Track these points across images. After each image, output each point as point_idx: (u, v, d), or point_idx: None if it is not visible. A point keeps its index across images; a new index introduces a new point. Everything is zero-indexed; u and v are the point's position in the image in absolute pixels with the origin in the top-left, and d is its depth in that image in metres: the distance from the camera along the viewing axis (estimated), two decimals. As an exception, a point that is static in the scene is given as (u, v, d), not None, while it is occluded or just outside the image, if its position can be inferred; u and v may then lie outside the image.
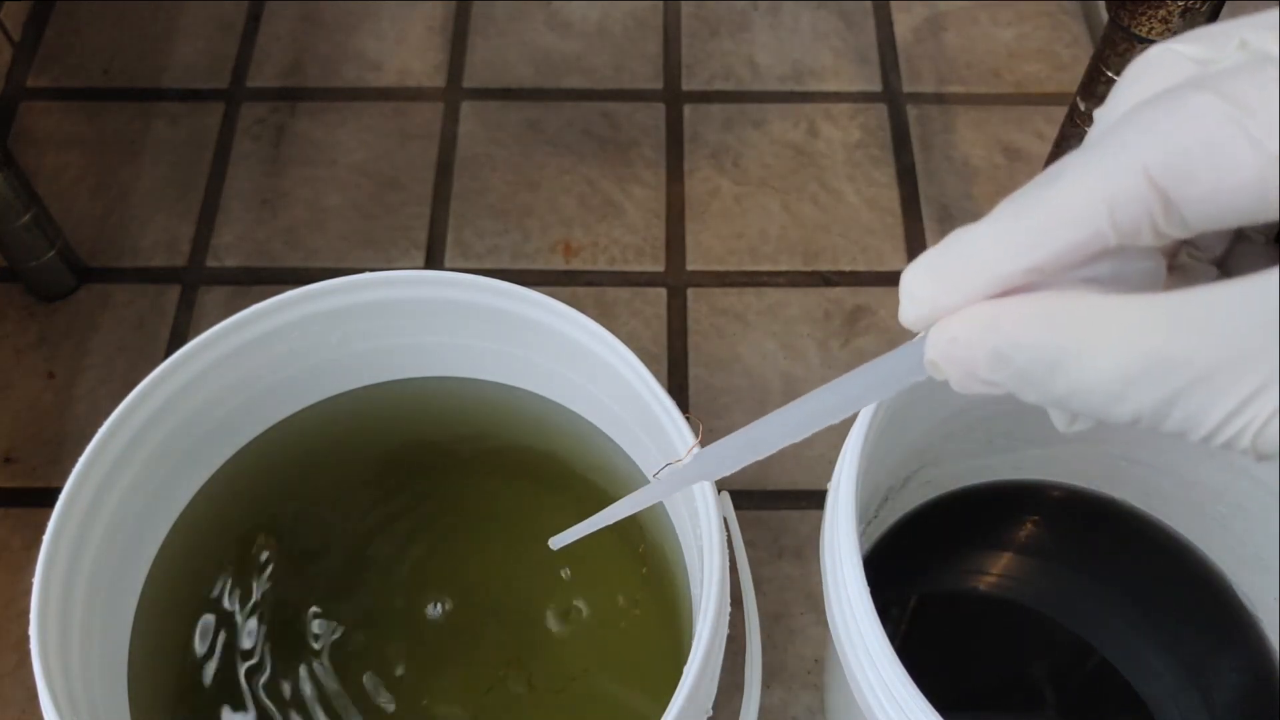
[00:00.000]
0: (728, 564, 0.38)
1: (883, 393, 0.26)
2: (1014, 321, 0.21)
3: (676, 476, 0.33)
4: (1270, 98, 0.18)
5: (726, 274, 0.69)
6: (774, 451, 0.29)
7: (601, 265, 0.69)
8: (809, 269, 0.69)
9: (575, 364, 0.45)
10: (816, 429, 0.28)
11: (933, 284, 0.22)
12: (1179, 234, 0.20)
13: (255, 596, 0.46)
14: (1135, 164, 0.19)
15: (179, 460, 0.45)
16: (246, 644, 0.45)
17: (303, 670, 0.45)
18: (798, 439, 0.28)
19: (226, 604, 0.46)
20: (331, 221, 0.71)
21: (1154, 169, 0.19)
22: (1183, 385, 0.20)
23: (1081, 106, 0.53)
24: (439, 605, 0.47)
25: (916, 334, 0.24)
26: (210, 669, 0.45)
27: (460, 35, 0.79)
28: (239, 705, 0.44)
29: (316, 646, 0.46)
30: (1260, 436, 0.19)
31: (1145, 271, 0.21)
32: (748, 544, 0.48)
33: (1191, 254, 0.24)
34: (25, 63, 0.78)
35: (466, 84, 0.77)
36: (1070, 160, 0.21)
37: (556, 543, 0.38)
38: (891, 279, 0.68)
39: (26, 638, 0.37)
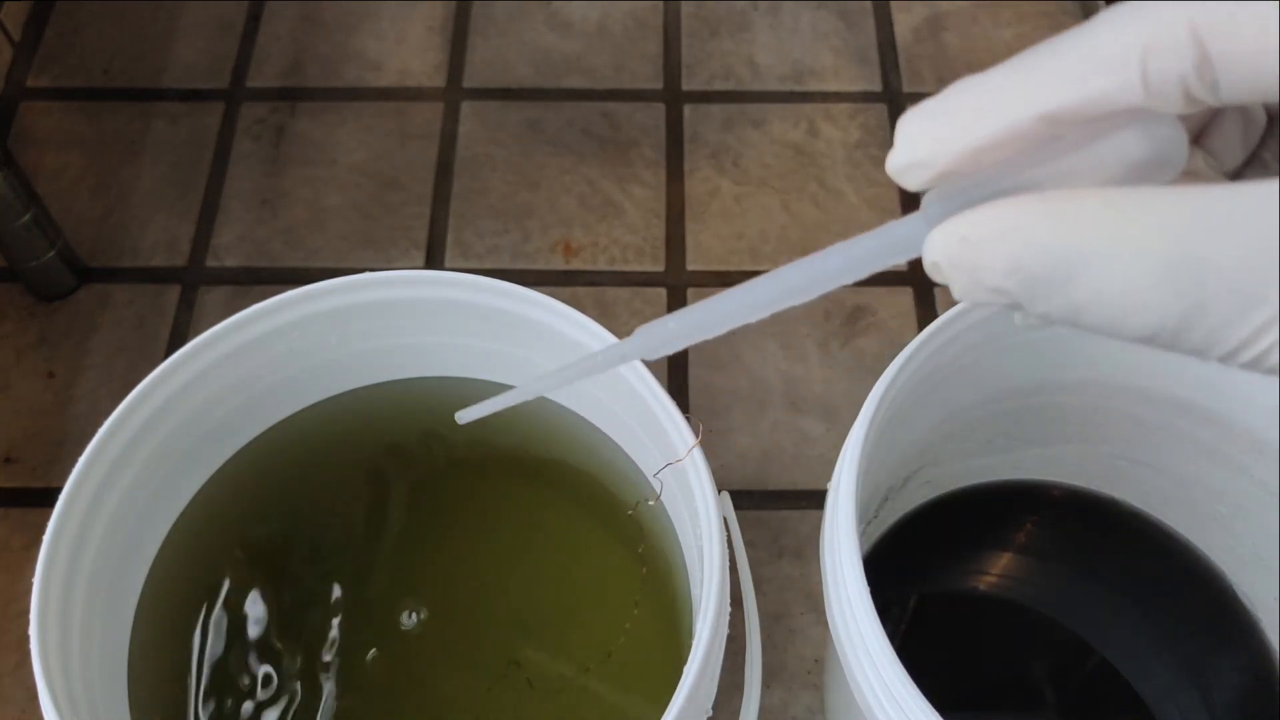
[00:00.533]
0: (728, 564, 0.38)
1: (860, 272, 0.24)
2: (1032, 220, 0.19)
3: (616, 349, 0.30)
4: None
5: (726, 274, 0.69)
6: (735, 327, 0.27)
7: (601, 265, 0.69)
8: (809, 269, 0.69)
9: (575, 364, 0.45)
10: (788, 305, 0.26)
11: (934, 125, 0.21)
12: (1208, 99, 0.19)
13: (255, 596, 0.46)
14: (1179, 12, 0.18)
15: (179, 460, 0.45)
16: (247, 644, 0.45)
17: (303, 669, 0.45)
18: (764, 315, 0.26)
19: (226, 604, 0.46)
20: (331, 221, 0.71)
21: (1199, 18, 0.18)
22: (1213, 292, 0.18)
23: (1081, 106, 0.53)
24: (439, 604, 0.47)
25: (905, 186, 0.22)
26: (211, 669, 0.45)
27: (460, 35, 0.79)
28: (239, 705, 0.44)
29: (317, 645, 0.46)
30: None
31: (1169, 141, 0.20)
32: (748, 544, 0.48)
33: (1208, 161, 0.22)
34: (25, 63, 0.78)
35: (466, 84, 0.77)
36: (1104, 11, 0.20)
37: (463, 417, 0.36)
38: (891, 279, 0.68)
39: (26, 638, 0.37)
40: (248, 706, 0.44)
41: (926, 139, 0.21)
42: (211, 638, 0.45)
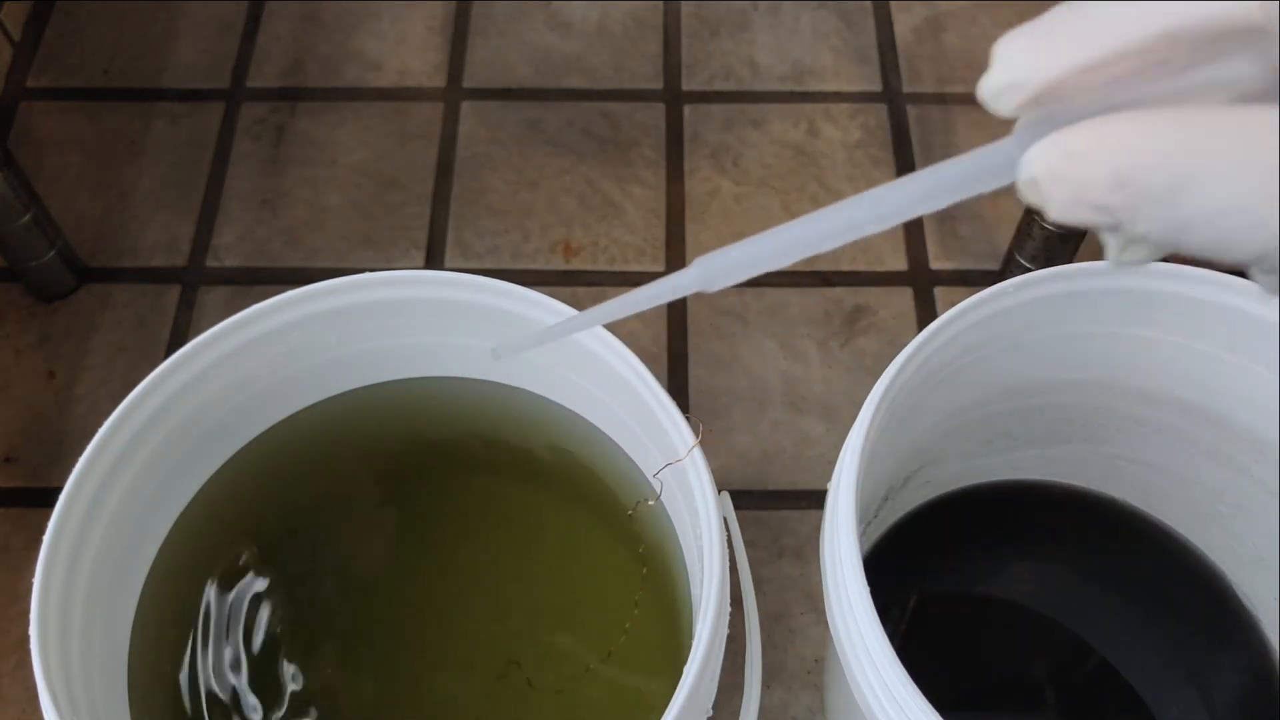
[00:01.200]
0: (728, 564, 0.38)
1: (940, 201, 0.23)
2: (1145, 130, 0.18)
3: (671, 280, 0.27)
4: None
5: (726, 274, 0.69)
6: (801, 258, 0.25)
7: (601, 265, 0.69)
8: (809, 269, 0.69)
9: (575, 364, 0.45)
10: (857, 236, 0.24)
11: (1036, 43, 0.19)
12: None
13: (255, 596, 0.46)
14: None
15: (179, 460, 0.45)
16: (246, 643, 0.45)
17: (303, 669, 0.45)
18: (834, 245, 0.24)
19: (226, 604, 0.46)
20: (331, 221, 0.71)
21: None
22: None
23: (1081, 106, 0.53)
24: (439, 605, 0.47)
25: (996, 111, 0.21)
26: (210, 669, 0.45)
27: (460, 35, 0.79)
28: (239, 705, 0.44)
29: (317, 645, 0.46)
30: None
31: (1270, 80, 0.19)
32: (748, 544, 0.48)
33: None
34: (25, 63, 0.78)
35: (466, 84, 0.77)
36: None
37: (500, 351, 0.35)
38: (891, 279, 0.68)
39: (26, 638, 0.37)
40: (248, 707, 0.44)
41: (1026, 58, 0.20)
42: (211, 637, 0.45)
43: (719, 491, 0.40)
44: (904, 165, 0.73)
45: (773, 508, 0.61)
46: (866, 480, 0.39)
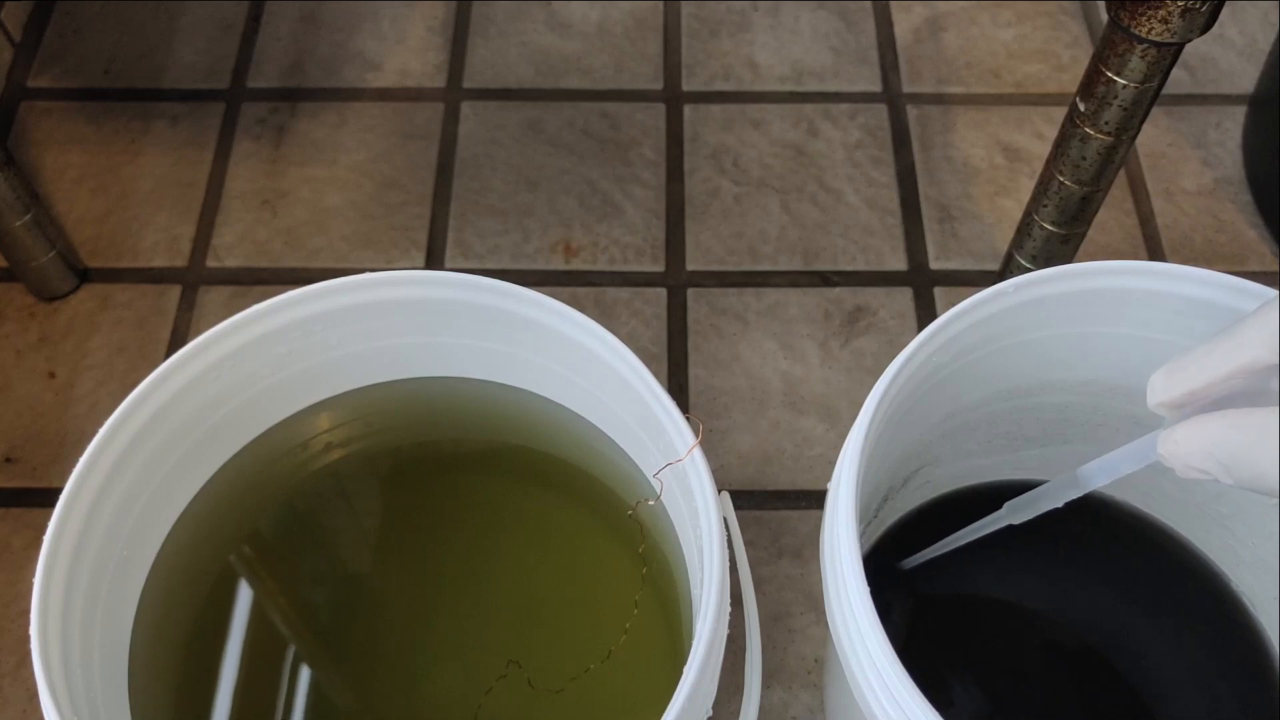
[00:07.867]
0: (728, 564, 0.38)
1: (1124, 470, 0.38)
2: (1214, 432, 0.32)
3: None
4: None
5: (726, 274, 0.69)
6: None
7: (601, 265, 0.69)
8: (809, 269, 0.69)
9: (575, 364, 0.45)
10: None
11: (1164, 385, 0.34)
12: None
13: (255, 596, 0.46)
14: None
15: (180, 460, 0.45)
16: (246, 643, 0.45)
17: (302, 670, 0.45)
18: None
19: (226, 604, 0.46)
20: (331, 221, 0.71)
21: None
22: None
23: (1081, 107, 0.53)
24: (439, 605, 0.47)
25: (1157, 412, 0.35)
26: (210, 669, 0.45)
27: (460, 35, 0.79)
28: (239, 705, 0.44)
29: (316, 645, 0.46)
30: None
31: None
32: (748, 544, 0.48)
33: None
34: (25, 63, 0.78)
35: (466, 84, 0.77)
36: (1251, 317, 0.32)
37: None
38: (891, 279, 0.68)
39: (27, 638, 0.37)
40: (248, 706, 0.44)
41: (1160, 391, 0.34)
42: (211, 637, 0.45)
43: (719, 491, 0.40)
44: (903, 165, 0.73)
45: (773, 508, 0.61)
46: (866, 480, 0.39)
